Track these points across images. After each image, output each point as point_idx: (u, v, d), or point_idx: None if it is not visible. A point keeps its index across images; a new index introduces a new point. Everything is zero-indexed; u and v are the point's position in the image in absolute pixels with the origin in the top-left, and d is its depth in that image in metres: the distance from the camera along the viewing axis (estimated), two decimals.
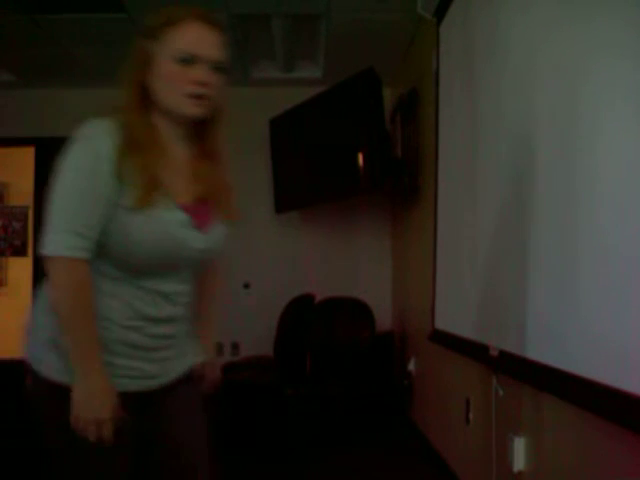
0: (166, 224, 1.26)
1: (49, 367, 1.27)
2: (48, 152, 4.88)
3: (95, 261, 1.24)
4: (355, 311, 4.20)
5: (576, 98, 1.59)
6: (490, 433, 2.33)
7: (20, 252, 5.83)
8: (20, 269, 5.70)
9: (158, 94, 1.28)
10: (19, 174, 5.50)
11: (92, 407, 1.20)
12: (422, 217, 3.72)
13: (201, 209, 1.33)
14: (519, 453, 2.05)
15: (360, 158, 3.78)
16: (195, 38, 1.26)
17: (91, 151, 1.20)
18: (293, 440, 3.62)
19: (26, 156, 5.04)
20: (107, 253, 1.25)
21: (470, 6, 2.56)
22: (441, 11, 3.02)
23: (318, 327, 4.11)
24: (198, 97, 1.27)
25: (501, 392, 2.23)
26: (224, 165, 1.41)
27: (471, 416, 2.68)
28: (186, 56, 1.25)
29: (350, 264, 4.93)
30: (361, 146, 3.76)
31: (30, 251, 5.30)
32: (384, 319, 4.74)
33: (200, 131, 1.36)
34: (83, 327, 1.21)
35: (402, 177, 3.92)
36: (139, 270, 1.27)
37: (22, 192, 5.61)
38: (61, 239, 1.19)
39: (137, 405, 1.31)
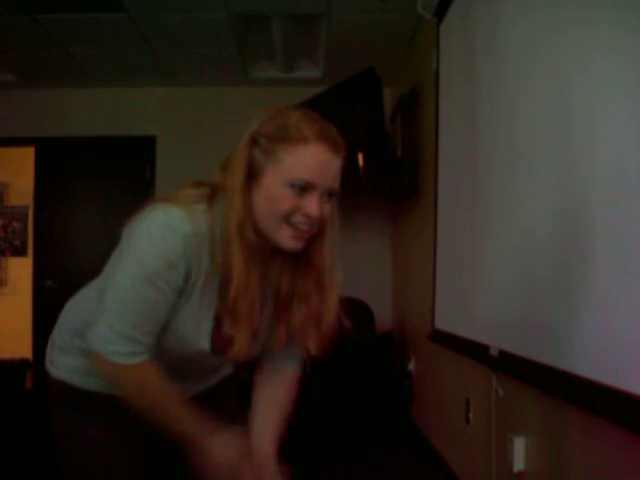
0: (184, 342, 1.19)
1: (59, 368, 1.31)
2: (48, 152, 4.95)
3: None
4: (355, 311, 4.19)
5: (574, 98, 1.59)
6: (490, 433, 2.33)
7: (20, 252, 5.82)
8: (20, 269, 5.69)
9: (258, 214, 1.11)
10: (19, 174, 5.49)
11: (220, 457, 1.25)
12: (422, 217, 3.72)
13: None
14: (519, 453, 2.05)
15: (360, 158, 3.77)
16: (315, 164, 1.08)
17: (164, 259, 1.07)
18: (293, 440, 3.61)
19: (26, 156, 5.03)
20: None
21: (470, 6, 2.56)
22: (441, 11, 3.02)
23: None
24: (300, 231, 1.11)
25: (501, 392, 2.23)
26: (330, 286, 1.26)
27: (471, 416, 2.68)
28: (301, 184, 1.08)
29: (350, 264, 4.87)
30: (361, 146, 3.75)
31: (30, 251, 5.29)
32: (384, 319, 4.74)
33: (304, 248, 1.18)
34: (162, 410, 1.18)
35: (402, 177, 3.92)
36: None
37: (22, 192, 5.60)
38: (119, 344, 1.10)
39: None
